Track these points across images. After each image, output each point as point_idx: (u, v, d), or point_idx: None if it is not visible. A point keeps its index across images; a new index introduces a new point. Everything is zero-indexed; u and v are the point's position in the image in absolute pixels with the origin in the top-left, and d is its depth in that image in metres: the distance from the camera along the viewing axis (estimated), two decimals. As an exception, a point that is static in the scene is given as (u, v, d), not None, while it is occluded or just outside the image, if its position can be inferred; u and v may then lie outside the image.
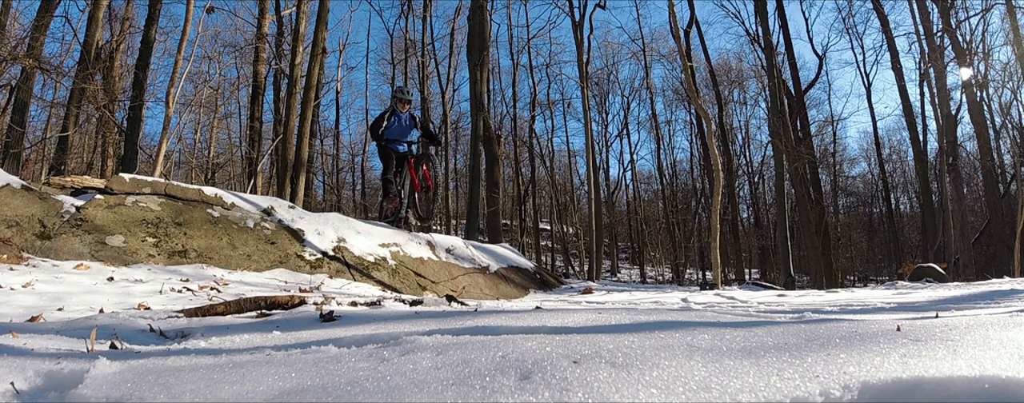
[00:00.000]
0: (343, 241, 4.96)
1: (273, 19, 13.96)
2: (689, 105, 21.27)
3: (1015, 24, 11.93)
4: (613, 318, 1.51)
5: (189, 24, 7.74)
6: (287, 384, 0.89)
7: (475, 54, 12.27)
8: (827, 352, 0.92)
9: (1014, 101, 16.33)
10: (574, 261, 23.51)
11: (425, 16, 18.35)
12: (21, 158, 10.33)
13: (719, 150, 15.98)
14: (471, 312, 1.92)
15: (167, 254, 4.09)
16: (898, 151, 25.98)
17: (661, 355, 0.93)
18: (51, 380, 0.99)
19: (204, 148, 19.75)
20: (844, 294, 4.71)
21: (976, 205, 19.09)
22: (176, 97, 8.66)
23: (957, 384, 0.73)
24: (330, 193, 23.23)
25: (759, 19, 14.60)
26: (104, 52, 11.92)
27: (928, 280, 7.92)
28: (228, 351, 1.21)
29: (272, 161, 13.21)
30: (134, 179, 4.64)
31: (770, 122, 14.90)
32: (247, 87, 16.12)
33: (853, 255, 24.75)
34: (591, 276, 14.07)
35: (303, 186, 10.09)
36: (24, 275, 3.13)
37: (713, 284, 8.36)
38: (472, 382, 0.83)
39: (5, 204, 3.89)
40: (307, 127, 10.26)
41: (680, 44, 10.48)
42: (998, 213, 13.71)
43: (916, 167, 16.08)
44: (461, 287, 5.04)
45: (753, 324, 1.36)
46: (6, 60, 8.52)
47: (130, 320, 1.71)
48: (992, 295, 3.30)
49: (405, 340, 1.19)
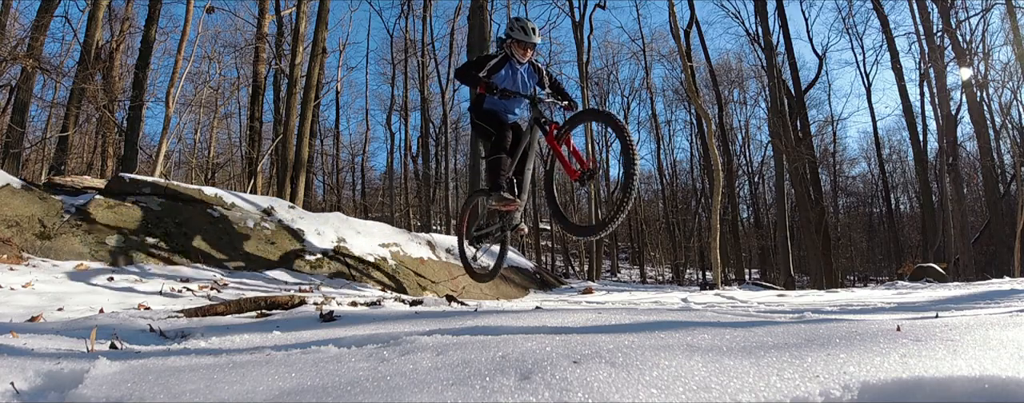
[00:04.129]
0: (343, 241, 4.96)
1: (273, 19, 13.97)
2: (689, 105, 21.27)
3: (1015, 24, 11.93)
4: (613, 318, 1.51)
5: (189, 24, 7.75)
6: (287, 384, 0.89)
7: (475, 54, 12.27)
8: (827, 352, 0.92)
9: (1014, 101, 16.33)
10: (574, 261, 23.52)
11: (425, 16, 18.37)
12: (21, 158, 10.33)
13: (719, 150, 15.96)
14: (471, 312, 1.92)
15: (167, 254, 4.09)
16: (898, 151, 25.98)
17: (661, 355, 0.93)
18: (51, 380, 0.99)
19: (204, 148, 19.75)
20: (844, 294, 4.71)
21: (976, 205, 19.09)
22: (176, 97, 8.67)
23: (957, 384, 0.73)
24: (330, 193, 23.23)
25: (759, 19, 14.60)
26: (104, 52, 11.93)
27: (928, 280, 7.93)
28: (228, 351, 1.21)
29: (272, 161, 13.21)
30: (134, 179, 4.64)
31: (770, 122, 14.89)
32: (247, 87, 16.12)
33: (853, 255, 24.74)
34: (591, 276, 14.07)
35: (303, 186, 10.09)
36: (24, 275, 3.13)
37: (713, 284, 8.37)
38: (472, 382, 0.83)
39: (5, 204, 3.89)
40: (307, 127, 10.25)
41: (680, 44, 10.48)
42: (998, 213, 13.71)
43: (916, 167, 16.08)
44: (461, 287, 5.03)
45: (753, 324, 1.36)
46: (6, 60, 8.52)
47: (130, 320, 1.71)
48: (992, 295, 3.30)
49: (405, 340, 1.19)
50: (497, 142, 3.56)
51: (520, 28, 3.56)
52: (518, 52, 3.61)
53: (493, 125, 3.64)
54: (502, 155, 3.53)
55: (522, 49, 3.60)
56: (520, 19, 3.64)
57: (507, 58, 3.63)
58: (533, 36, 3.57)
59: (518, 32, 3.55)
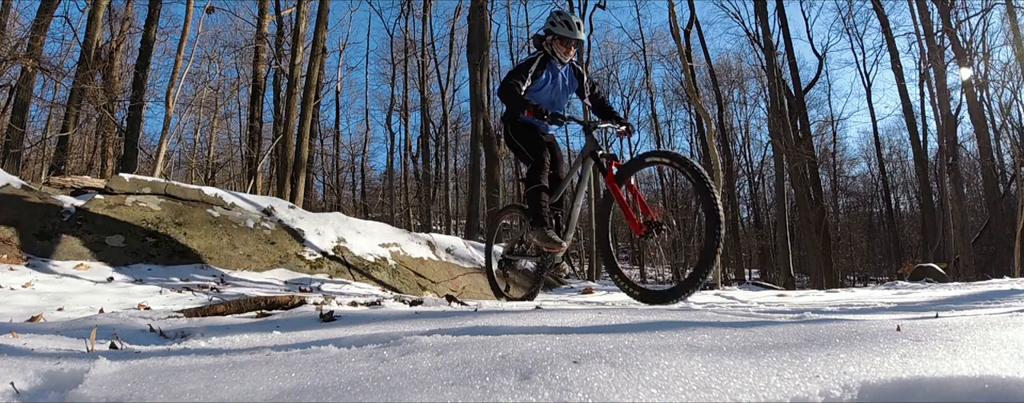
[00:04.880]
0: (343, 241, 4.96)
1: (273, 19, 13.97)
2: (689, 105, 21.28)
3: (1015, 24, 11.93)
4: (613, 318, 1.51)
5: (189, 24, 7.75)
6: (287, 384, 0.89)
7: (475, 54, 12.27)
8: (827, 352, 0.92)
9: (1014, 101, 16.33)
10: (574, 261, 23.51)
11: (425, 16, 18.39)
12: (21, 158, 10.33)
13: (719, 150, 15.96)
14: (471, 312, 1.92)
15: (167, 254, 4.09)
16: (898, 151, 26.01)
17: (661, 355, 0.93)
18: (51, 380, 0.99)
19: (204, 148, 19.76)
20: (844, 294, 4.71)
21: (976, 205, 19.09)
22: (176, 97, 8.67)
23: (957, 384, 0.73)
24: (330, 193, 23.24)
25: (759, 19, 14.61)
26: (104, 52, 11.93)
27: (928, 280, 7.93)
28: (228, 351, 1.21)
29: (272, 161, 13.21)
30: (134, 179, 4.64)
31: (770, 122, 14.90)
32: (247, 87, 16.13)
33: (853, 255, 24.75)
34: (591, 276, 14.07)
35: (303, 186, 10.09)
36: (24, 275, 3.13)
37: (713, 284, 8.36)
38: (472, 382, 0.83)
39: (5, 204, 3.89)
40: (307, 127, 10.25)
41: (680, 44, 10.49)
42: (998, 213, 13.72)
43: (916, 167, 16.09)
44: (461, 287, 5.04)
45: (753, 324, 1.36)
46: (6, 60, 8.52)
47: (130, 320, 1.71)
48: (992, 295, 3.30)
49: (405, 340, 1.19)
50: (535, 167, 3.11)
51: (563, 22, 3.10)
52: (560, 50, 3.16)
53: (529, 144, 3.19)
54: (541, 184, 3.06)
55: (565, 47, 3.15)
56: (562, 12, 3.20)
57: (547, 59, 3.17)
58: (578, 31, 3.11)
59: (560, 27, 3.10)
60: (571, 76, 3.30)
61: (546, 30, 3.19)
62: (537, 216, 3.03)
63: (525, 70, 3.08)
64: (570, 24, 3.09)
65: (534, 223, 3.05)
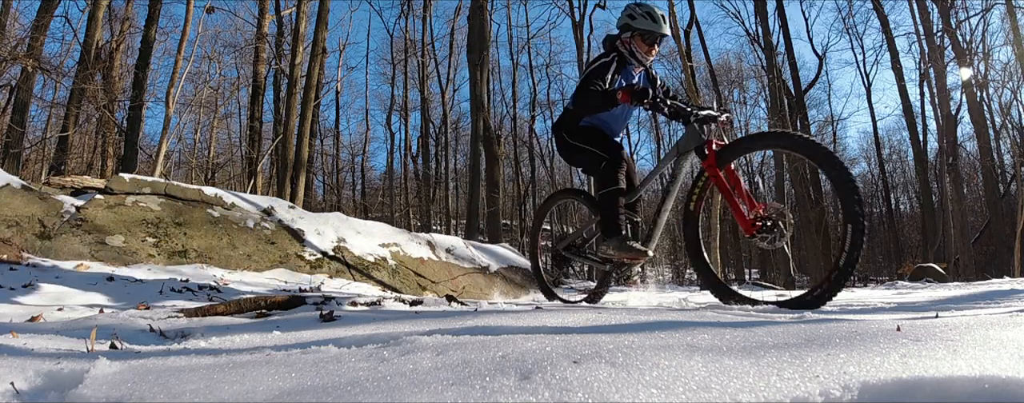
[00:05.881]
0: (343, 241, 4.96)
1: (273, 19, 13.98)
2: (689, 105, 21.24)
3: (1015, 24, 11.93)
4: (613, 318, 1.51)
5: (189, 24, 7.75)
6: (287, 384, 0.89)
7: (475, 54, 12.27)
8: (827, 352, 0.92)
9: (1014, 101, 16.35)
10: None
11: (425, 16, 18.40)
12: (21, 158, 10.33)
13: (719, 150, 15.92)
14: (471, 312, 1.92)
15: (167, 254, 4.09)
16: (898, 151, 26.03)
17: (661, 355, 0.93)
18: (51, 380, 0.99)
19: (204, 148, 19.77)
20: (844, 294, 4.71)
21: (976, 205, 19.10)
22: (176, 97, 8.67)
23: (957, 384, 0.73)
24: (330, 193, 23.24)
25: (759, 19, 14.61)
26: (104, 52, 11.94)
27: (928, 280, 7.93)
28: (228, 351, 1.21)
29: (272, 161, 13.21)
30: (134, 179, 4.64)
31: (770, 122, 14.89)
32: (247, 87, 16.13)
33: (853, 255, 24.68)
34: (591, 276, 14.07)
35: (303, 186, 10.10)
36: (24, 275, 3.13)
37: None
38: (472, 382, 0.83)
39: (5, 204, 3.89)
40: (307, 127, 10.26)
41: (680, 44, 10.49)
42: (998, 213, 13.72)
43: (916, 167, 16.09)
44: (461, 287, 5.04)
45: (753, 324, 1.36)
46: (6, 60, 8.53)
47: (130, 320, 1.71)
48: (992, 295, 3.30)
49: (405, 340, 1.19)
50: (611, 165, 2.70)
51: (645, 14, 2.64)
52: (641, 49, 2.70)
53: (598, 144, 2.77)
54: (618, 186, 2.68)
55: (647, 45, 2.69)
56: (642, 3, 2.70)
57: (623, 62, 2.73)
58: (664, 25, 2.65)
59: (643, 20, 2.64)
60: (646, 81, 2.87)
61: (623, 25, 2.74)
62: (613, 223, 2.67)
63: (604, 72, 2.65)
64: (654, 16, 2.65)
65: (608, 231, 2.68)
